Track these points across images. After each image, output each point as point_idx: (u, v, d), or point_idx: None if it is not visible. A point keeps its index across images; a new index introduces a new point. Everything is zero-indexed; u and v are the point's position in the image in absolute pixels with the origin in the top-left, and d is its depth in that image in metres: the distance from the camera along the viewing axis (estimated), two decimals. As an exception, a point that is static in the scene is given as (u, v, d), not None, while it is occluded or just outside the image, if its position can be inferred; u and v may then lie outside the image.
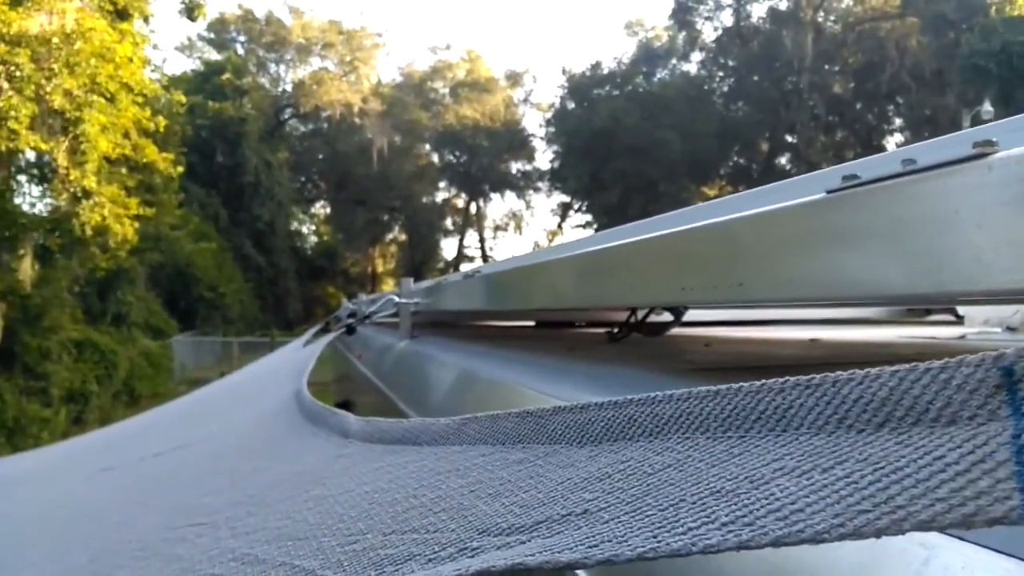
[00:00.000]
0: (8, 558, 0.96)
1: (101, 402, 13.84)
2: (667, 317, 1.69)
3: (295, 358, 2.18)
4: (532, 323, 2.65)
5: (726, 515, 0.28)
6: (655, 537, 0.28)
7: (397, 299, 2.26)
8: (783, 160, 31.44)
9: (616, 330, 1.62)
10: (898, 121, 29.48)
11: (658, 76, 33.10)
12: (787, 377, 0.32)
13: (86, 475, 1.38)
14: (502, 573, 0.30)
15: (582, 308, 1.97)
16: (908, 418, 0.28)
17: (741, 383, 0.34)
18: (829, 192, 0.45)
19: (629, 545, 0.29)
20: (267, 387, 1.60)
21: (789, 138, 30.73)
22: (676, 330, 1.80)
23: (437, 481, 0.47)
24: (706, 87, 32.11)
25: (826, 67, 29.41)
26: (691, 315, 1.89)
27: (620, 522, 0.31)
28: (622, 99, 30.96)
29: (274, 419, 1.17)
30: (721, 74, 32.40)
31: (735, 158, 32.72)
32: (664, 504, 0.31)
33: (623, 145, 28.72)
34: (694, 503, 0.29)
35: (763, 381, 0.33)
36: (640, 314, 1.60)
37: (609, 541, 0.30)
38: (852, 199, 0.44)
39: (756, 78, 30.25)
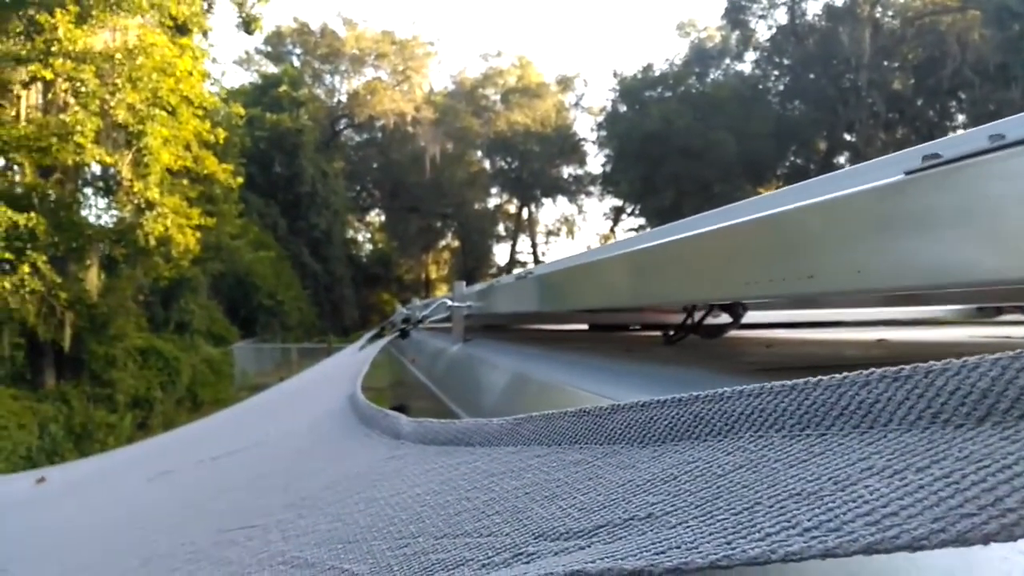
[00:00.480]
0: (65, 560, 0.98)
1: (165, 408, 14.22)
2: (725, 319, 1.65)
3: (350, 363, 2.19)
4: (585, 327, 2.62)
5: (809, 520, 0.25)
6: (728, 544, 0.26)
7: (450, 303, 2.25)
8: (841, 159, 30.70)
9: (672, 332, 1.58)
10: (961, 117, 28.54)
11: (711, 77, 32.68)
12: (872, 369, 0.29)
13: (144, 479, 1.40)
14: (560, 581, 0.28)
15: (638, 308, 1.94)
16: (1015, 411, 0.25)
17: (820, 376, 0.31)
18: (908, 173, 0.42)
19: (700, 552, 0.26)
20: (322, 391, 1.61)
21: (848, 137, 30.00)
22: (734, 332, 1.76)
23: (491, 483, 0.45)
24: (761, 87, 31.57)
25: (885, 63, 28.65)
26: (750, 317, 1.84)
27: (688, 527, 0.29)
28: (674, 101, 30.64)
29: (328, 422, 1.16)
30: (776, 73, 31.81)
31: (792, 158, 32.07)
32: (737, 508, 0.28)
33: (676, 147, 28.41)
34: (771, 506, 0.27)
35: (844, 374, 0.30)
36: (697, 316, 1.56)
37: (677, 547, 0.27)
38: (935, 179, 0.40)
39: (812, 76, 29.62)
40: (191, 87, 11.95)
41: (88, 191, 13.76)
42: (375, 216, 39.48)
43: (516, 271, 1.89)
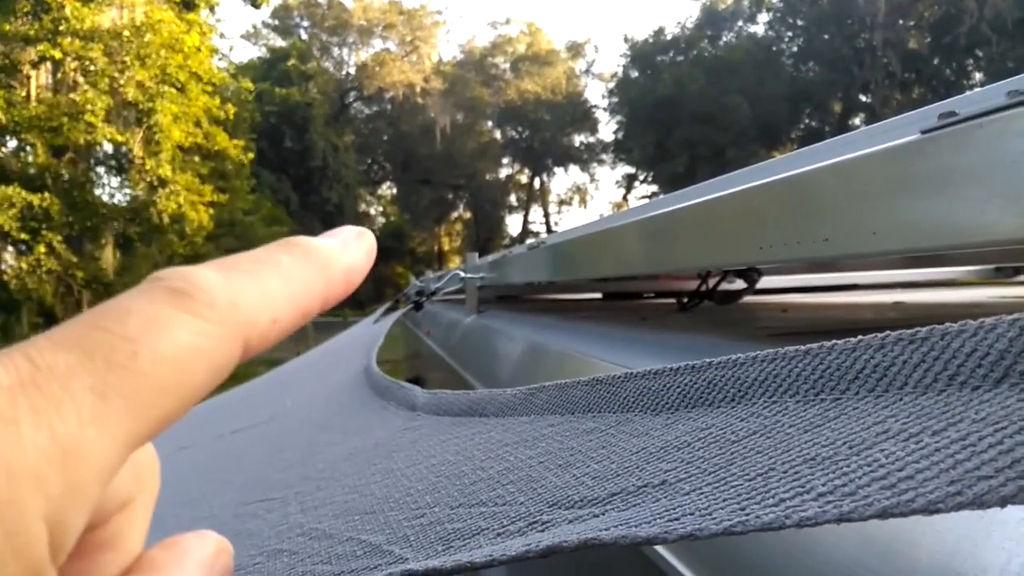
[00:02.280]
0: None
1: (185, 384, 14.38)
2: (740, 285, 1.64)
3: (365, 335, 2.20)
4: (599, 296, 2.61)
5: (823, 484, 0.25)
6: (742, 509, 0.26)
7: (463, 274, 2.25)
8: (857, 121, 30.28)
9: (686, 299, 1.58)
10: (978, 76, 27.99)
11: (724, 40, 32.19)
12: (887, 332, 0.29)
13: (163, 455, 1.42)
14: (575, 548, 0.28)
15: (652, 275, 1.93)
16: (1033, 372, 0.24)
17: (834, 340, 0.31)
18: (924, 132, 0.41)
19: (714, 519, 0.26)
20: (339, 364, 1.62)
21: (863, 98, 29.54)
22: (749, 298, 1.75)
23: (505, 452, 0.45)
24: (774, 48, 31.07)
25: (900, 22, 28.09)
26: (765, 282, 1.83)
27: (702, 493, 0.28)
28: (687, 65, 30.24)
29: (344, 395, 1.17)
30: (790, 34, 31.28)
31: (807, 121, 31.66)
32: (751, 474, 0.28)
33: (689, 112, 28.09)
34: (785, 472, 0.27)
35: (859, 337, 0.30)
36: (711, 282, 1.55)
37: (691, 514, 0.27)
38: (952, 138, 0.39)
39: (827, 37, 29.12)
40: (199, 63, 11.92)
41: (100, 170, 13.83)
42: (387, 189, 39.44)
43: (528, 241, 1.89)
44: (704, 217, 0.72)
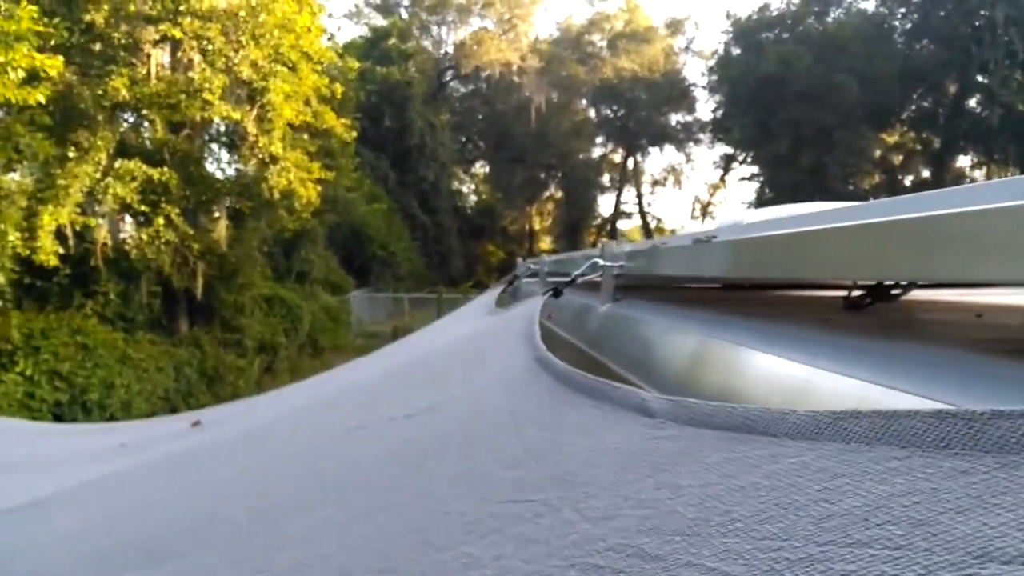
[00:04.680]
0: (269, 496, 1.03)
1: (288, 353, 14.95)
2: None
3: (506, 321, 2.21)
4: (719, 285, 2.56)
5: None
6: None
7: (601, 261, 2.24)
8: (972, 103, 28.60)
9: (859, 294, 1.52)
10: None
11: (832, 16, 30.85)
12: None
13: (337, 435, 1.46)
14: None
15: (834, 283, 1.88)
16: None
17: None
18: None
19: None
20: (495, 353, 1.63)
21: (981, 78, 27.80)
22: (918, 295, 1.68)
23: (846, 485, 0.44)
24: (886, 25, 29.58)
25: (1026, -4, 26.30)
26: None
27: None
28: (792, 42, 29.13)
29: (521, 387, 1.17)
30: (903, 11, 29.69)
31: (918, 102, 30.10)
32: None
33: (793, 91, 27.11)
34: None
35: None
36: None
37: None
38: None
39: (943, 13, 27.50)
40: (310, 43, 12.23)
41: (213, 147, 14.43)
42: (480, 168, 39.70)
43: (688, 233, 1.85)
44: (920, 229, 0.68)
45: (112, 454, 3.33)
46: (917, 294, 1.66)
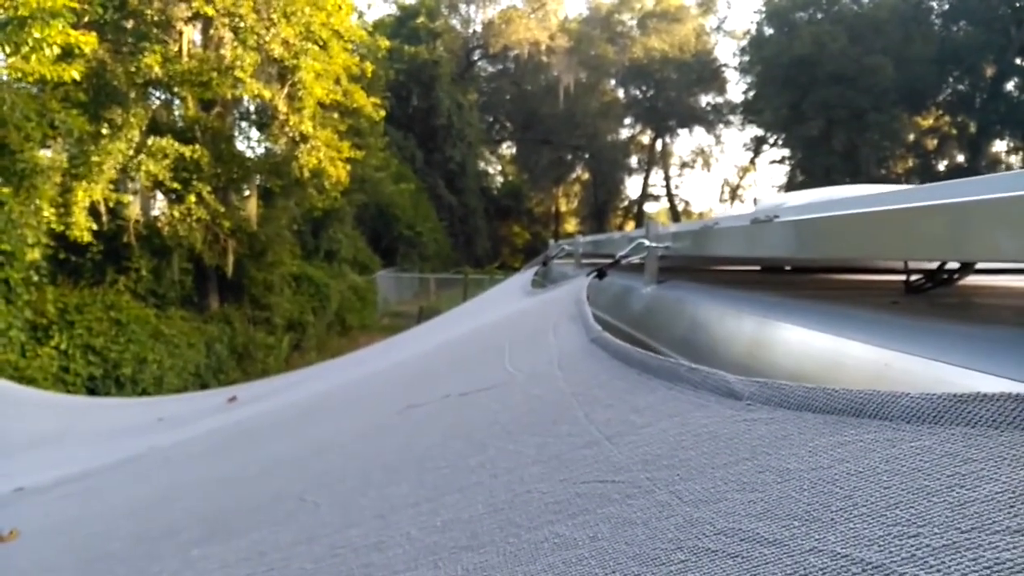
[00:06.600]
0: (332, 473, 1.02)
1: (316, 331, 15.07)
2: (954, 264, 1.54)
3: (554, 300, 2.20)
4: (788, 267, 2.52)
5: None
6: None
7: (647, 242, 2.21)
8: (1010, 86, 27.95)
9: (919, 278, 1.48)
10: None
11: (868, -4, 30.29)
12: None
13: (393, 409, 1.46)
14: None
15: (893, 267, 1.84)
16: None
17: None
18: None
19: None
20: (544, 333, 1.62)
21: (1019, 61, 27.17)
22: (973, 280, 1.65)
23: (977, 469, 0.42)
24: (923, 6, 28.94)
25: (1072, -24, 25.59)
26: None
27: None
28: (827, 22, 28.61)
29: (582, 364, 1.16)
30: (941, -9, 29.08)
31: (954, 85, 29.47)
32: None
33: (827, 73, 26.65)
34: None
35: None
36: (935, 264, 1.46)
37: None
38: None
39: (982, -7, 26.88)
40: (341, 21, 12.20)
41: (243, 124, 14.48)
42: (506, 148, 39.55)
43: (746, 213, 1.82)
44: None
45: (150, 428, 3.38)
46: (972, 279, 1.62)
